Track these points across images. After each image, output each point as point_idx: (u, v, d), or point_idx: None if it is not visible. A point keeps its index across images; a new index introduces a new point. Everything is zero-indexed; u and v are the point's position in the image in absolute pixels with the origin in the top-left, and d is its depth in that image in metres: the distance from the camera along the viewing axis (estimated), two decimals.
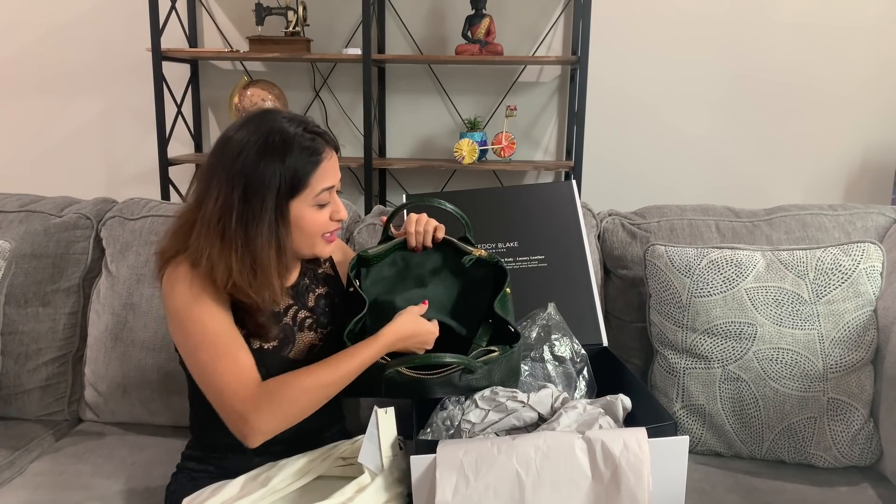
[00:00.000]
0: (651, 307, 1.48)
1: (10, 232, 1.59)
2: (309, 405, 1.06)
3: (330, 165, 1.12)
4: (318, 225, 1.13)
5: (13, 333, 1.56)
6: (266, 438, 1.03)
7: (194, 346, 1.06)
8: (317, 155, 1.10)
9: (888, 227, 1.55)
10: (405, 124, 2.73)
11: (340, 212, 1.15)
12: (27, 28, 2.74)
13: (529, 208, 1.53)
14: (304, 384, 1.04)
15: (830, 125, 2.56)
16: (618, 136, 2.64)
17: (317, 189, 1.10)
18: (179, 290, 1.08)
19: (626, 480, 0.97)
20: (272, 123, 1.09)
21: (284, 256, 1.10)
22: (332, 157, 1.13)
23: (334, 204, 1.15)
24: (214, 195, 1.07)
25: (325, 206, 1.13)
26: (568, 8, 2.57)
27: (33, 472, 1.39)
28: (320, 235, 1.15)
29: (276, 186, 1.06)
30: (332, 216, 1.15)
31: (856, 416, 1.36)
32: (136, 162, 2.82)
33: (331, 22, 2.64)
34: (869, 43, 2.49)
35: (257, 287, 1.08)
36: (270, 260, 1.08)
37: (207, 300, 1.07)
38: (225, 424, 1.06)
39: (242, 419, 1.02)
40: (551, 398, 1.12)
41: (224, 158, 1.08)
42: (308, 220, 1.11)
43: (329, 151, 1.12)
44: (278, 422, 1.03)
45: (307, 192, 1.10)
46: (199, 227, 1.08)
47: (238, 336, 1.09)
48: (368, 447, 1.05)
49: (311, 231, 1.13)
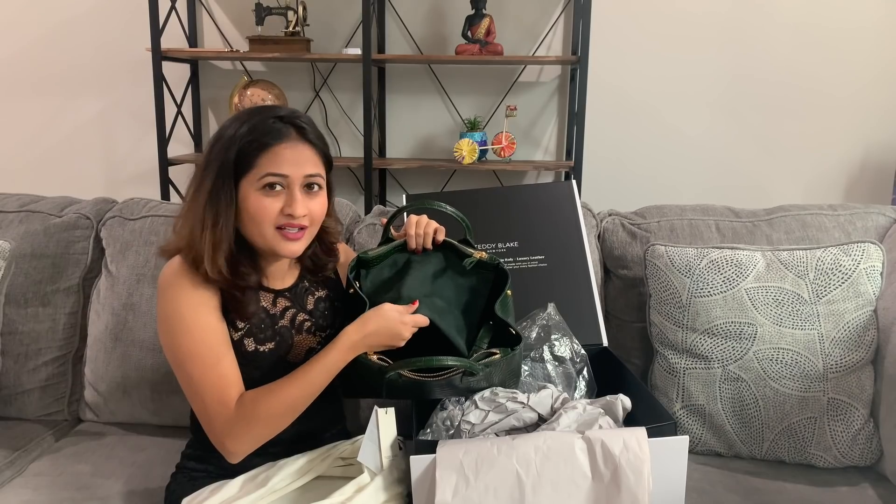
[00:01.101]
0: (651, 307, 1.48)
1: (10, 232, 1.58)
2: (282, 422, 1.08)
3: (290, 154, 1.08)
4: (262, 211, 1.07)
5: (13, 333, 1.56)
6: (244, 456, 1.08)
7: (181, 358, 1.08)
8: (273, 137, 1.07)
9: (888, 227, 1.55)
10: (405, 124, 2.73)
11: (292, 205, 1.08)
12: (26, 28, 2.74)
13: (529, 208, 1.53)
14: (275, 404, 1.06)
15: (830, 125, 2.56)
16: (618, 136, 2.64)
17: (262, 170, 1.07)
18: (170, 293, 1.09)
19: (627, 480, 0.97)
20: (252, 112, 1.11)
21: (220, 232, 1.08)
22: (296, 147, 1.09)
23: (290, 197, 1.08)
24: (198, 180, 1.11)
25: (277, 195, 1.08)
26: (568, 8, 2.57)
27: (33, 472, 1.39)
28: (272, 227, 1.09)
29: (220, 160, 1.08)
30: (283, 209, 1.08)
31: (856, 416, 1.36)
32: (136, 162, 2.82)
33: (331, 22, 2.64)
34: (869, 44, 2.48)
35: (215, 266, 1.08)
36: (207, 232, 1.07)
37: (196, 302, 1.08)
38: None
39: (220, 441, 1.07)
40: (551, 398, 1.12)
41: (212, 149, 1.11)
42: (252, 203, 1.07)
43: (295, 141, 1.09)
44: (251, 443, 1.07)
45: (253, 173, 1.07)
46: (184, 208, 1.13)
47: (224, 345, 1.10)
48: (368, 447, 1.05)
49: (256, 217, 1.07)
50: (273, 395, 1.06)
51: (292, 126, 1.09)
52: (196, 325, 1.08)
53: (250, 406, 1.06)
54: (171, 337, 1.09)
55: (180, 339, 1.08)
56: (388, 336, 1.11)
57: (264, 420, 1.06)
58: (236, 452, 1.07)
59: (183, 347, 1.07)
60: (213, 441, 1.08)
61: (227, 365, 1.09)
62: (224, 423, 1.06)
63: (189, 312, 1.08)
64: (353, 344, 1.10)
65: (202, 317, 1.08)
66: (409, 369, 1.09)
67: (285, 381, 1.08)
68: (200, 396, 1.07)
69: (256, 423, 1.05)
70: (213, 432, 1.07)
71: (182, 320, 1.08)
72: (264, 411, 1.06)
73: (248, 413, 1.05)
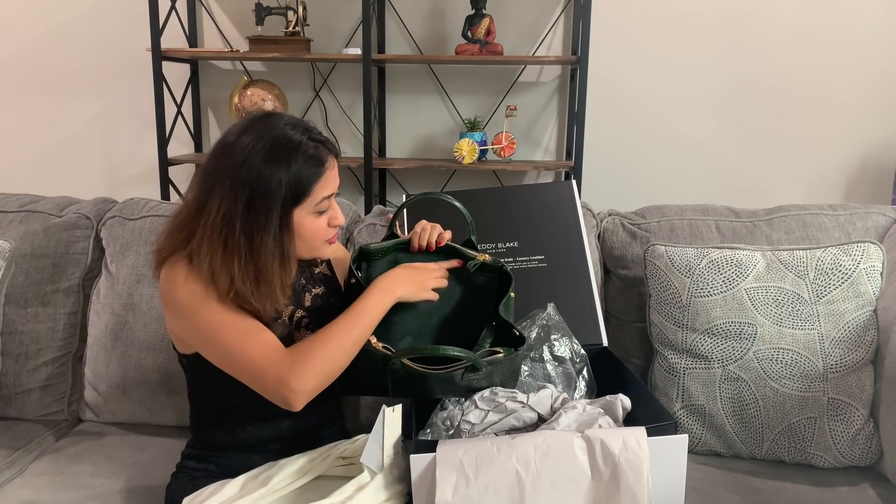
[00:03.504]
0: (651, 307, 1.48)
1: (10, 232, 1.59)
2: (341, 358, 1.07)
3: (332, 174, 1.13)
4: (317, 232, 1.14)
5: (13, 333, 1.56)
6: (308, 399, 1.04)
7: (214, 332, 1.06)
8: (321, 164, 1.10)
9: (888, 227, 1.55)
10: (405, 124, 2.73)
11: (338, 218, 1.17)
12: (27, 28, 2.75)
13: (529, 208, 1.53)
14: (332, 340, 1.06)
15: (831, 126, 2.56)
16: (618, 136, 2.64)
17: (318, 198, 1.11)
18: (182, 282, 1.08)
19: (626, 479, 0.97)
20: (276, 130, 1.08)
21: (288, 265, 1.11)
22: (334, 165, 1.14)
23: (333, 210, 1.16)
24: (217, 202, 1.06)
25: (324, 212, 1.14)
26: (568, 8, 2.58)
27: (33, 472, 1.39)
28: (321, 241, 1.16)
29: (281, 195, 1.06)
30: (330, 222, 1.16)
31: (856, 416, 1.36)
32: (136, 162, 2.82)
33: (331, 22, 2.64)
34: (869, 46, 2.49)
35: (260, 297, 1.07)
36: (274, 270, 1.08)
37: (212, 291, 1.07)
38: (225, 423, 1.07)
39: (282, 384, 1.02)
40: (551, 398, 1.12)
41: (227, 164, 1.07)
42: (307, 228, 1.12)
43: (332, 160, 1.13)
44: (316, 380, 1.04)
45: (309, 201, 1.10)
46: (202, 234, 1.07)
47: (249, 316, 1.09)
48: (372, 447, 1.05)
49: (311, 238, 1.13)
50: (326, 334, 1.06)
51: (324, 147, 1.12)
52: (216, 297, 1.07)
53: (307, 344, 1.05)
54: (193, 317, 1.07)
55: (204, 313, 1.06)
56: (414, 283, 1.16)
57: (325, 355, 1.04)
58: (301, 390, 1.02)
59: (210, 320, 1.06)
60: (273, 392, 1.03)
61: (262, 326, 1.08)
62: (281, 365, 1.03)
63: (206, 290, 1.07)
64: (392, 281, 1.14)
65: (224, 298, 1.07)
66: (412, 358, 1.08)
67: (332, 324, 1.08)
68: (246, 356, 1.04)
69: (317, 359, 1.04)
70: (270, 380, 1.03)
71: (201, 297, 1.06)
72: (325, 347, 1.05)
73: (306, 352, 1.04)
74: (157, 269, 1.14)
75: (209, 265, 1.06)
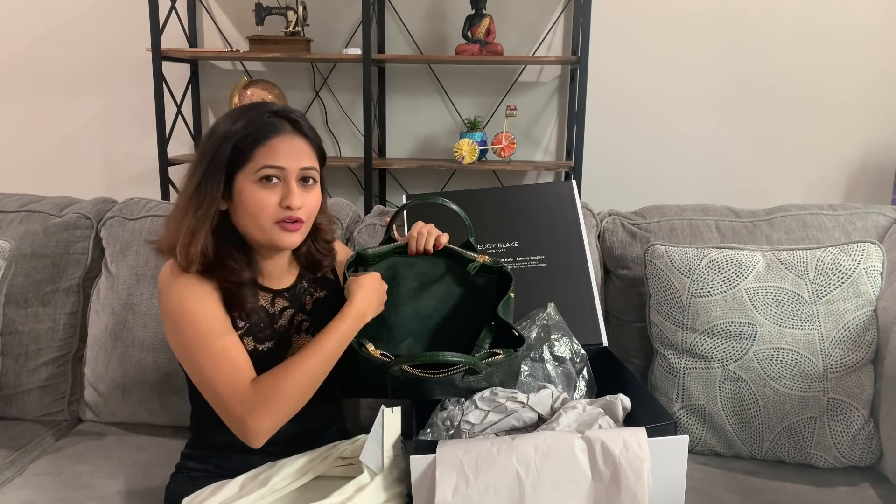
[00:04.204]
0: (651, 307, 1.48)
1: (10, 232, 1.59)
2: (301, 396, 1.07)
3: (286, 147, 1.09)
4: (260, 205, 1.08)
5: (13, 333, 1.56)
6: (268, 437, 1.05)
7: (191, 351, 1.08)
8: (268, 130, 1.08)
9: (888, 227, 1.55)
10: (405, 124, 2.73)
11: (289, 198, 1.09)
12: (27, 28, 2.74)
13: (529, 208, 1.53)
14: (293, 378, 1.05)
15: (831, 126, 2.56)
16: (618, 136, 2.64)
17: (259, 163, 1.07)
18: (172, 289, 1.09)
19: (626, 479, 0.97)
20: (253, 109, 1.11)
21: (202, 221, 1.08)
22: (292, 140, 1.10)
23: (287, 189, 1.09)
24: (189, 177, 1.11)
25: (274, 188, 1.09)
26: (568, 8, 2.58)
27: (33, 472, 1.39)
28: (271, 221, 1.09)
29: (225, 156, 1.08)
30: (281, 201, 1.09)
31: (856, 416, 1.36)
32: (136, 162, 2.82)
33: (331, 22, 2.64)
34: (869, 46, 2.49)
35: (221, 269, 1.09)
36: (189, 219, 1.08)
37: (198, 294, 1.08)
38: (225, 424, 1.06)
39: (241, 424, 1.04)
40: (551, 398, 1.12)
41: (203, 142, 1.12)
42: (249, 197, 1.08)
43: (291, 134, 1.10)
44: (275, 420, 1.04)
45: (249, 166, 1.08)
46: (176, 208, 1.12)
47: (230, 334, 1.10)
48: (371, 447, 1.05)
49: (255, 211, 1.09)
50: (291, 370, 1.06)
51: (287, 120, 1.11)
52: (202, 316, 1.08)
53: (269, 383, 1.05)
54: (178, 332, 1.08)
55: (187, 331, 1.07)
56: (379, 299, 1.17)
57: (284, 395, 1.04)
58: (259, 432, 1.03)
59: (192, 340, 1.07)
60: (234, 428, 1.05)
61: (237, 351, 1.08)
62: (242, 405, 1.04)
63: (192, 304, 1.08)
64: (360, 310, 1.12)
65: (206, 307, 1.08)
66: (412, 364, 1.09)
67: (300, 356, 1.07)
68: (213, 385, 1.06)
69: (277, 399, 1.04)
70: (231, 417, 1.05)
71: (187, 313, 1.07)
72: (284, 386, 1.04)
73: (268, 390, 1.04)
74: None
75: (182, 237, 1.08)
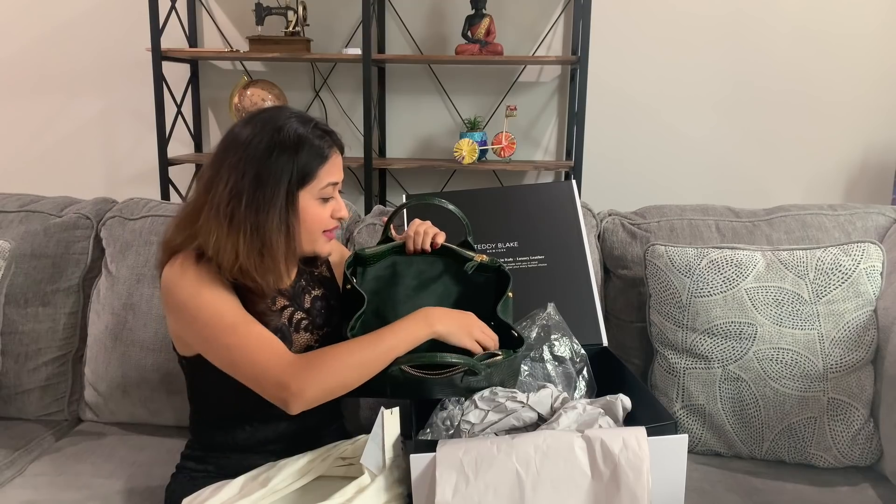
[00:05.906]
0: (651, 307, 1.48)
1: (10, 232, 1.59)
2: (351, 376, 1.05)
3: (336, 162, 1.16)
4: (319, 220, 1.16)
5: (13, 333, 1.56)
6: (307, 406, 1.02)
7: (215, 334, 1.06)
8: (327, 149, 1.14)
9: (888, 227, 1.55)
10: (405, 124, 2.73)
11: (341, 210, 1.19)
12: (27, 28, 2.74)
13: (529, 208, 1.53)
14: (342, 359, 1.04)
15: (831, 126, 2.56)
16: (618, 136, 2.64)
17: (323, 182, 1.14)
18: (184, 282, 1.08)
19: (626, 479, 0.97)
20: (283, 121, 1.12)
21: (292, 242, 1.13)
22: (337, 155, 1.17)
23: (337, 202, 1.18)
24: (224, 179, 1.09)
25: (328, 202, 1.16)
26: (568, 8, 2.57)
27: (33, 472, 1.39)
28: (321, 232, 1.17)
29: (288, 173, 1.10)
30: (333, 213, 1.18)
31: (856, 416, 1.36)
32: (136, 162, 2.82)
33: (331, 22, 2.64)
34: (869, 47, 2.48)
35: (263, 271, 1.09)
36: (279, 245, 1.10)
37: (214, 287, 1.08)
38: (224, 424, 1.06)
39: (282, 385, 1.01)
40: (551, 398, 1.12)
41: (235, 146, 1.11)
42: (311, 213, 1.14)
43: (335, 150, 1.17)
44: (318, 390, 1.02)
45: (315, 184, 1.13)
46: (208, 210, 1.09)
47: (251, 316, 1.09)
48: (371, 449, 1.05)
49: (312, 226, 1.15)
50: (347, 348, 1.05)
51: (329, 136, 1.16)
52: (222, 300, 1.08)
53: (320, 354, 1.04)
54: (195, 318, 1.07)
55: (206, 315, 1.06)
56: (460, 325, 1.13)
57: (333, 369, 1.03)
58: (300, 394, 1.00)
59: (212, 321, 1.06)
60: (273, 393, 1.02)
61: (264, 328, 1.08)
62: (285, 371, 1.02)
63: (208, 289, 1.07)
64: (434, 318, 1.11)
65: (223, 293, 1.08)
66: (412, 365, 1.09)
67: (359, 340, 1.07)
68: (248, 357, 1.04)
69: (324, 370, 1.02)
70: (269, 381, 1.02)
71: (203, 297, 1.07)
72: (335, 361, 1.04)
73: (317, 360, 1.03)
74: (160, 266, 1.14)
75: (215, 241, 1.07)
